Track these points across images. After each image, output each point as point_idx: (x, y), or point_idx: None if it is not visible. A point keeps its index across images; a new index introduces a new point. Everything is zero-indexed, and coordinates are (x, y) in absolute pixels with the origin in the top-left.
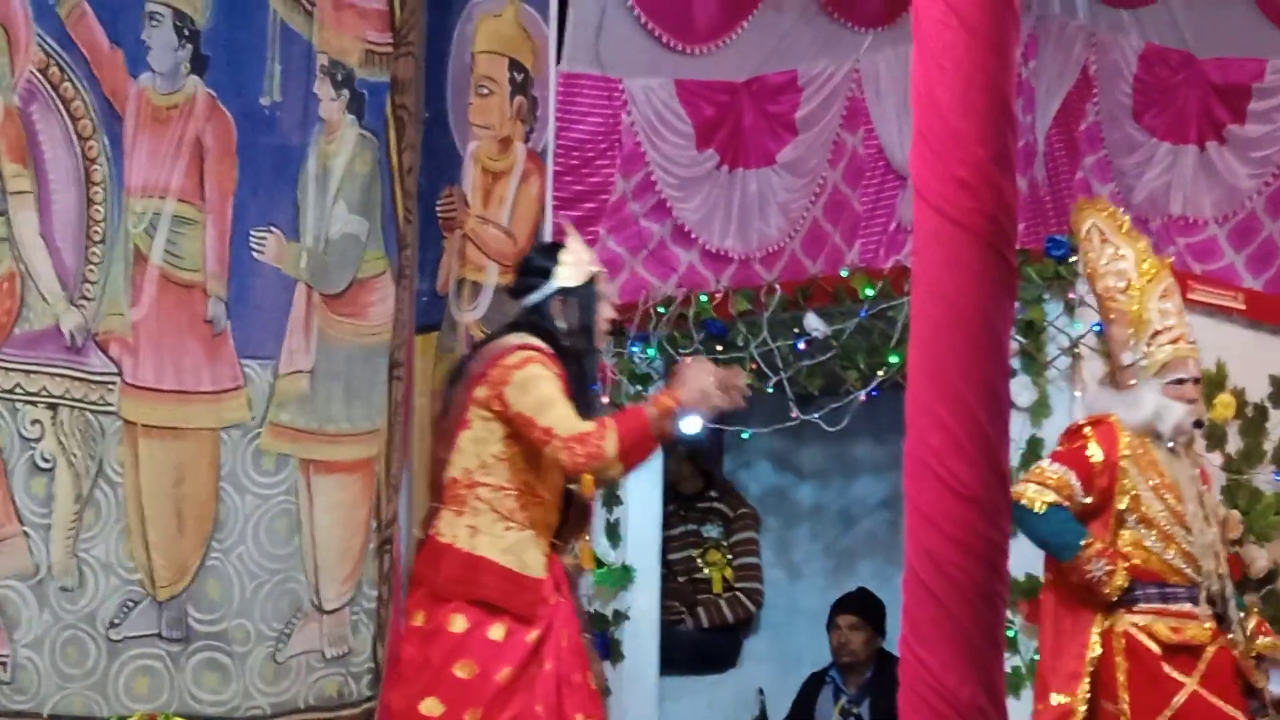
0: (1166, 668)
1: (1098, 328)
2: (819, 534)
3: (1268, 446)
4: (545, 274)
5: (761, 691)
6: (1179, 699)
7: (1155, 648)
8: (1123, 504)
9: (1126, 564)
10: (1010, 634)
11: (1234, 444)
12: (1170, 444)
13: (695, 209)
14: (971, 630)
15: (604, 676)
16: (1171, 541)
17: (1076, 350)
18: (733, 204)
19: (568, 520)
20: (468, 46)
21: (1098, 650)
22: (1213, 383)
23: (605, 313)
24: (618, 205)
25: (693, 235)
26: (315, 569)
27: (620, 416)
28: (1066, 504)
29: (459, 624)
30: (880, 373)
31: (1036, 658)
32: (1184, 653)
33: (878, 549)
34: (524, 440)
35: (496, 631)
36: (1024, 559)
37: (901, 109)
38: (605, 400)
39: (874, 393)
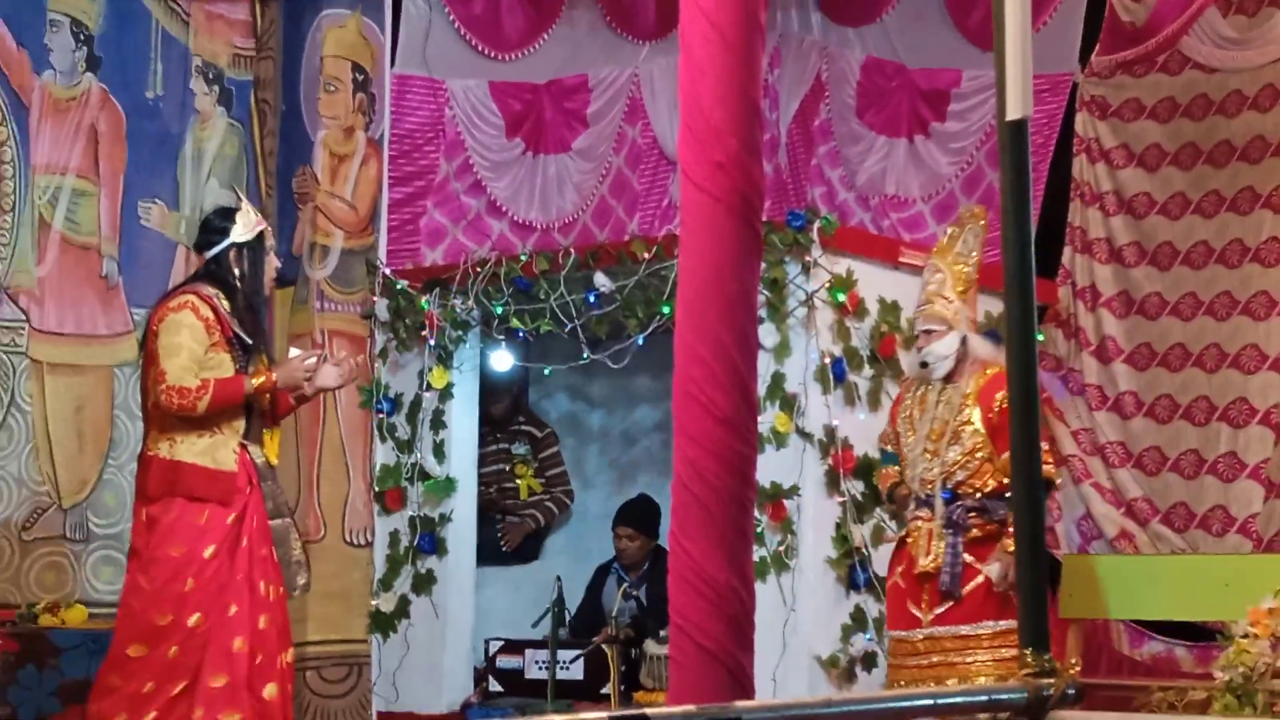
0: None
1: (828, 285)
2: (606, 452)
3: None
4: (223, 232)
5: (559, 579)
6: (890, 581)
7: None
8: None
9: (892, 483)
10: (758, 530)
11: None
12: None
13: (505, 187)
14: (726, 527)
15: (299, 549)
16: (904, 460)
17: (810, 303)
18: (536, 183)
19: (252, 423)
20: (318, 51)
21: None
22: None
23: (272, 262)
24: (442, 184)
25: (503, 208)
26: None
27: (222, 383)
28: (885, 444)
29: (169, 515)
30: (655, 320)
31: (780, 549)
32: (902, 548)
33: (653, 464)
34: (202, 365)
35: (201, 517)
36: (767, 470)
37: (672, 107)
38: (431, 343)
39: (643, 338)
